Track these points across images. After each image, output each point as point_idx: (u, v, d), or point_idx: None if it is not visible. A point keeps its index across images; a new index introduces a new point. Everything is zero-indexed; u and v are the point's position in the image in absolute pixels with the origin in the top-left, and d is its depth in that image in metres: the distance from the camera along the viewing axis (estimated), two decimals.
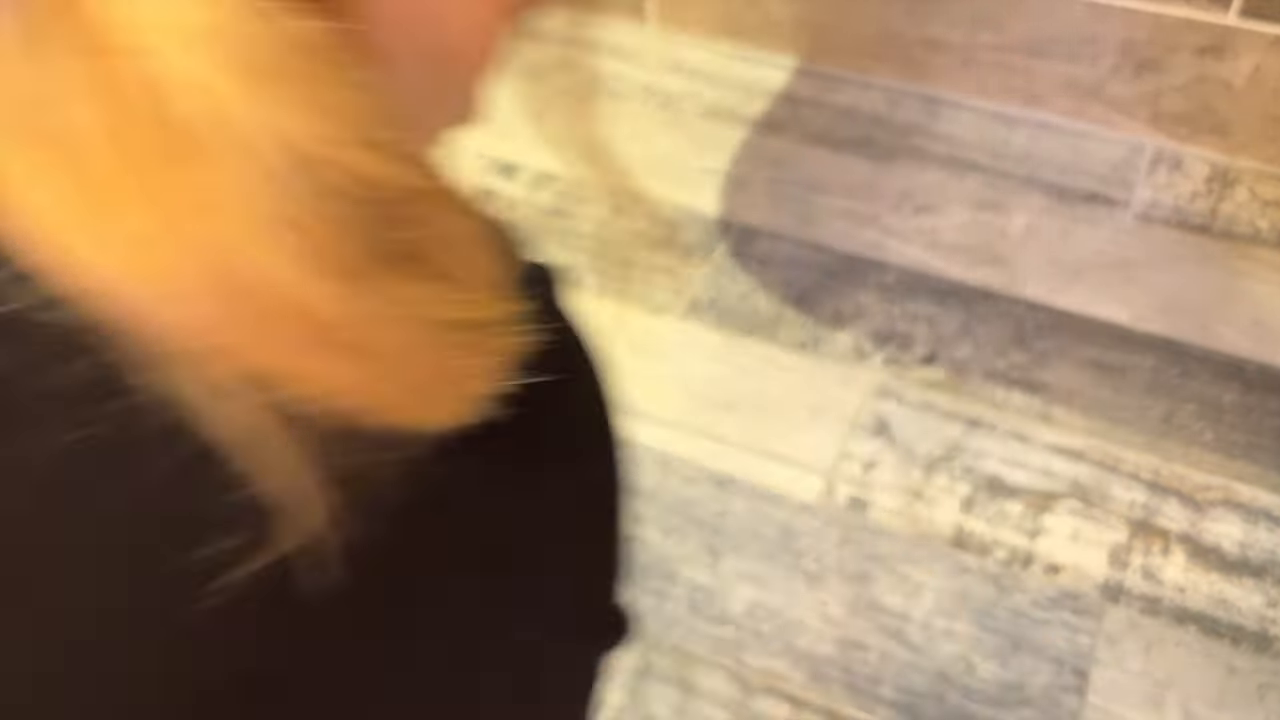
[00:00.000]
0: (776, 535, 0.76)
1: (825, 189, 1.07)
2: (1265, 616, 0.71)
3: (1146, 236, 1.01)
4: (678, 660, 0.69)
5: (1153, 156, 1.10)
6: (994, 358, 0.89)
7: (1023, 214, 1.03)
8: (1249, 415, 0.84)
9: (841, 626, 0.71)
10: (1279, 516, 0.77)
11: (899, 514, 0.77)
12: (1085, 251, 0.99)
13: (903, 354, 0.90)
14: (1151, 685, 0.68)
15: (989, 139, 1.13)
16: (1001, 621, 0.71)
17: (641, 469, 0.81)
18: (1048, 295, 0.95)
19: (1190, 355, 0.89)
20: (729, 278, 0.97)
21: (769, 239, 1.01)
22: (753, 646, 0.70)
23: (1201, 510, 0.77)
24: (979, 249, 1.00)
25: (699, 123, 1.16)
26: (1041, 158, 1.10)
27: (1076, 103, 1.13)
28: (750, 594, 0.73)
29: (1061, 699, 0.67)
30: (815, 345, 0.91)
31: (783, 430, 0.83)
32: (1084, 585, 0.73)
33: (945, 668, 0.68)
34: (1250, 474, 0.80)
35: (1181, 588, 0.73)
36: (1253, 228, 1.02)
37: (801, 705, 0.67)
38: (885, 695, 0.67)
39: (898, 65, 1.19)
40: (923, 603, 0.72)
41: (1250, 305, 0.94)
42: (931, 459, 0.81)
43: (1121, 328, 0.92)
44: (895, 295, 0.95)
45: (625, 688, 0.68)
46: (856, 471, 0.80)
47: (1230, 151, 1.09)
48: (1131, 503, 0.78)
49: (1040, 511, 0.77)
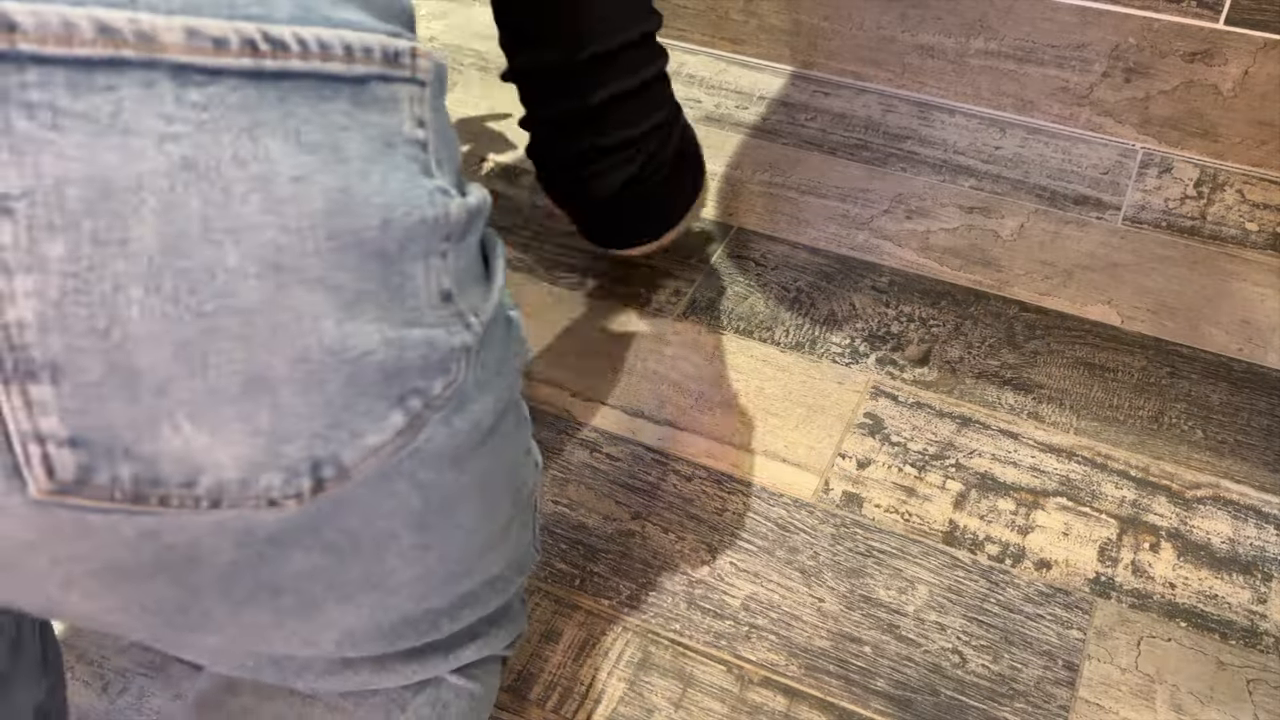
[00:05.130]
0: (773, 531, 0.77)
1: (820, 193, 1.08)
2: (1254, 612, 0.72)
3: (1136, 239, 1.02)
4: (676, 653, 0.70)
5: (1142, 160, 1.11)
6: (986, 358, 0.90)
7: (1014, 217, 1.04)
8: (1237, 414, 0.85)
9: (836, 621, 0.72)
10: (1267, 514, 0.78)
11: (893, 511, 0.78)
12: (1076, 254, 1.00)
13: (896, 354, 0.91)
14: (1141, 679, 0.68)
15: (981, 144, 1.14)
16: (993, 616, 0.72)
17: (641, 467, 0.82)
18: (1039, 297, 0.96)
19: (1180, 355, 0.90)
20: (726, 280, 0.98)
21: (765, 242, 1.02)
22: (749, 640, 0.70)
23: (1191, 507, 0.78)
24: (971, 251, 1.01)
25: (697, 128, 1.17)
26: (1033, 162, 1.11)
27: (1067, 108, 1.14)
28: (747, 589, 0.73)
29: (1052, 692, 0.67)
30: (811, 346, 0.91)
31: (779, 429, 0.84)
32: (1074, 581, 0.74)
33: (938, 661, 0.69)
34: (1239, 472, 0.81)
35: (1171, 583, 0.74)
36: (1241, 230, 1.03)
37: (797, 697, 0.67)
38: (879, 688, 0.68)
39: (891, 71, 1.20)
40: (916, 597, 0.73)
41: (1239, 306, 0.95)
42: (924, 457, 0.82)
43: (1111, 328, 0.93)
44: (889, 297, 0.96)
45: (624, 679, 0.69)
46: (851, 469, 0.81)
47: (1219, 155, 1.11)
48: (1121, 500, 0.79)
49: (1031, 508, 0.78)
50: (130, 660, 0.70)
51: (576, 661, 0.69)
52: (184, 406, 0.32)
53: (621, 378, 0.89)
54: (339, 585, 0.42)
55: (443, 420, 0.40)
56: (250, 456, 0.34)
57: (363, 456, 0.36)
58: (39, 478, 0.31)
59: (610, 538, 0.77)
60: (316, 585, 0.41)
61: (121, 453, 0.32)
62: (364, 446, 0.36)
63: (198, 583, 0.37)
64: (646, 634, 0.71)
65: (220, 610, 0.39)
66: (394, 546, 0.42)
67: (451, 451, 0.42)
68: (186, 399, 0.32)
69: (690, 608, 0.72)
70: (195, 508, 0.34)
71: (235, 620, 0.40)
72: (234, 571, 0.38)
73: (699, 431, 0.84)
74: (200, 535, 0.35)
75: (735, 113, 1.19)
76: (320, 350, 0.34)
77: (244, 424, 0.33)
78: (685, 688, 0.68)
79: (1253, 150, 1.09)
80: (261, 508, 0.35)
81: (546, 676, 0.69)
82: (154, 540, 0.34)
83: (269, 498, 0.35)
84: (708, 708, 0.67)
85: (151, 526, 0.34)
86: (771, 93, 1.22)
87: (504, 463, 0.47)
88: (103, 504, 0.32)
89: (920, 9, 1.14)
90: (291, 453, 0.34)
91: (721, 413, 0.86)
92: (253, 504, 0.34)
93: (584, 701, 0.67)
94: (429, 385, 0.38)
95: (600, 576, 0.74)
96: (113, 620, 0.38)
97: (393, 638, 0.48)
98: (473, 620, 0.54)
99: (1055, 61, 1.12)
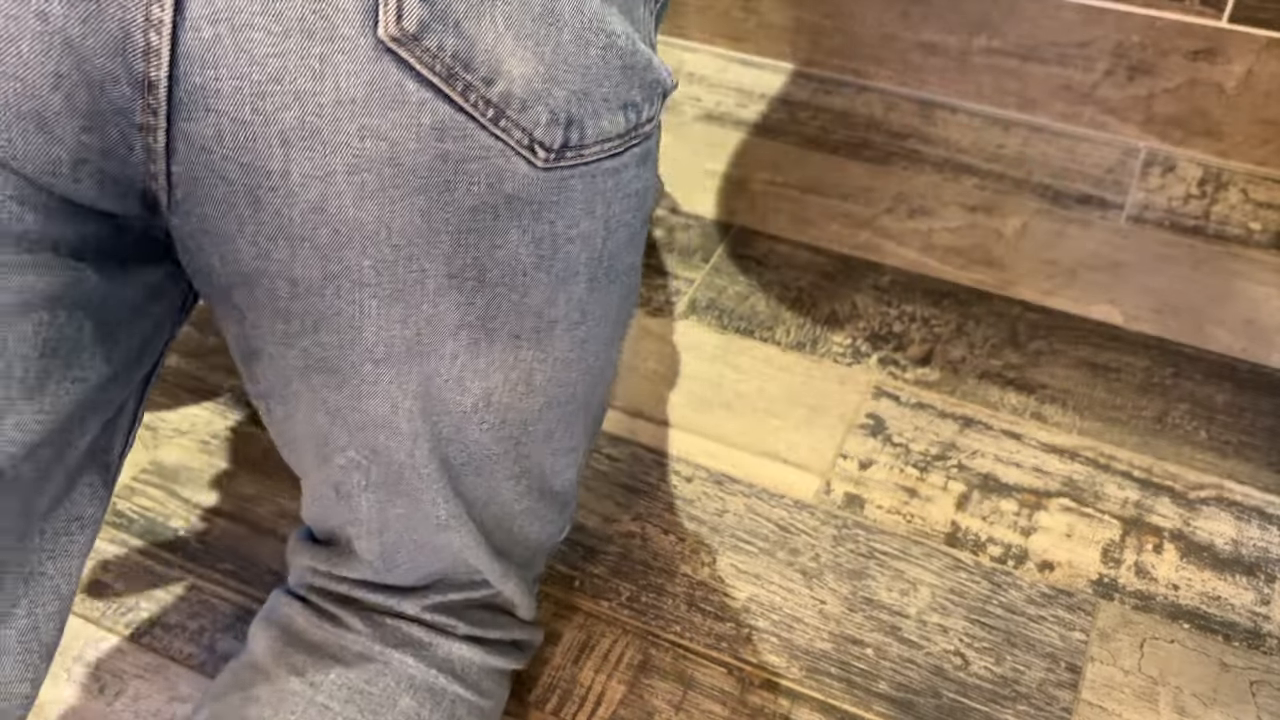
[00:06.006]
0: (774, 533, 0.76)
1: (821, 191, 1.08)
2: (1257, 613, 0.71)
3: (1140, 238, 1.02)
4: (676, 655, 0.70)
5: (1146, 159, 1.11)
6: (988, 358, 0.90)
7: (1017, 216, 1.04)
8: (1242, 415, 0.85)
9: (838, 622, 0.71)
10: (1271, 515, 0.78)
11: (894, 512, 0.78)
12: (1079, 253, 1.00)
13: (898, 354, 0.90)
14: (1144, 681, 0.68)
15: (984, 142, 1.13)
16: (995, 618, 0.71)
17: (641, 468, 0.81)
18: (1041, 296, 0.96)
19: (1183, 355, 0.90)
20: (727, 279, 0.98)
21: (766, 241, 1.02)
22: (750, 642, 0.70)
23: (1194, 508, 0.78)
24: (974, 251, 1.00)
25: (697, 126, 1.17)
26: (1036, 161, 1.11)
27: (1070, 106, 1.14)
28: (748, 590, 0.73)
29: (1055, 694, 0.67)
30: (812, 346, 0.91)
31: (780, 429, 0.84)
32: (1077, 582, 0.73)
33: (940, 663, 0.69)
34: (1243, 473, 0.80)
35: (1174, 585, 0.73)
36: (1245, 229, 1.03)
37: (799, 700, 0.67)
38: (881, 690, 0.67)
39: (894, 70, 1.20)
40: (918, 599, 0.72)
41: (1243, 306, 0.95)
42: (927, 458, 0.82)
43: (1115, 328, 0.93)
44: (891, 296, 0.96)
45: (625, 682, 0.68)
46: (853, 470, 0.81)
47: (1223, 154, 1.10)
48: (1125, 501, 0.79)
49: (1034, 509, 0.78)
50: (128, 662, 0.70)
51: (576, 664, 0.69)
52: (504, 4, 0.39)
53: (621, 378, 0.89)
54: (518, 310, 0.47)
55: (637, 159, 0.47)
56: (532, 79, 0.41)
57: (596, 138, 0.44)
58: (389, 20, 0.37)
59: (610, 539, 0.77)
60: (509, 294, 0.46)
61: (453, 23, 0.38)
62: (600, 128, 0.44)
63: (440, 220, 0.43)
64: (647, 636, 0.71)
65: (433, 276, 0.44)
66: (569, 288, 0.48)
67: (633, 199, 0.48)
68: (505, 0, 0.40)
69: (691, 609, 0.72)
70: (484, 112, 0.40)
71: (435, 300, 0.45)
72: (469, 225, 0.43)
73: (699, 432, 0.84)
74: (470, 154, 0.41)
75: (736, 111, 1.19)
76: (591, 10, 0.42)
77: (536, 46, 0.40)
78: (686, 690, 0.68)
79: (1256, 149, 1.08)
80: (522, 149, 0.42)
81: (546, 678, 0.69)
82: (439, 141, 0.40)
83: (532, 135, 0.42)
84: (708, 710, 0.67)
85: (444, 121, 0.40)
86: (773, 91, 1.21)
87: (632, 295, 0.54)
88: (425, 70, 0.39)
89: (923, 6, 1.14)
90: (559, 96, 0.42)
91: (722, 413, 0.85)
92: (519, 136, 0.41)
93: (584, 704, 0.67)
94: (642, 103, 0.45)
95: (600, 578, 0.74)
96: (352, 256, 0.43)
97: (505, 452, 0.52)
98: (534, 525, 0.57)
99: (1058, 60, 1.11)
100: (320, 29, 0.37)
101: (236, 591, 0.73)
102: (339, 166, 0.40)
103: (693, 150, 1.13)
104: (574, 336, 0.50)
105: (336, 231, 0.42)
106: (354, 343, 0.46)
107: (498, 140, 0.41)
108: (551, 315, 0.48)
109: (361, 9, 0.37)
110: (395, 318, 0.45)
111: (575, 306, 0.49)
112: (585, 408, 0.55)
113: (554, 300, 0.48)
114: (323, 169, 0.40)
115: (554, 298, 0.48)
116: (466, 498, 0.54)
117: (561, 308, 0.49)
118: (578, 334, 0.50)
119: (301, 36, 0.37)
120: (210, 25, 0.37)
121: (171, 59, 0.37)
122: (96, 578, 0.74)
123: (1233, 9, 1.02)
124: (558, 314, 0.49)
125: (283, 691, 0.55)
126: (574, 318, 0.50)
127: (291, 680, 0.55)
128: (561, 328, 0.49)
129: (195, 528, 0.78)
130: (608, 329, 0.52)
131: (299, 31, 0.37)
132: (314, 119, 0.39)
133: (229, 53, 0.37)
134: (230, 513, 0.79)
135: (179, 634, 0.71)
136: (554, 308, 0.48)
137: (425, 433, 0.50)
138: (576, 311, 0.49)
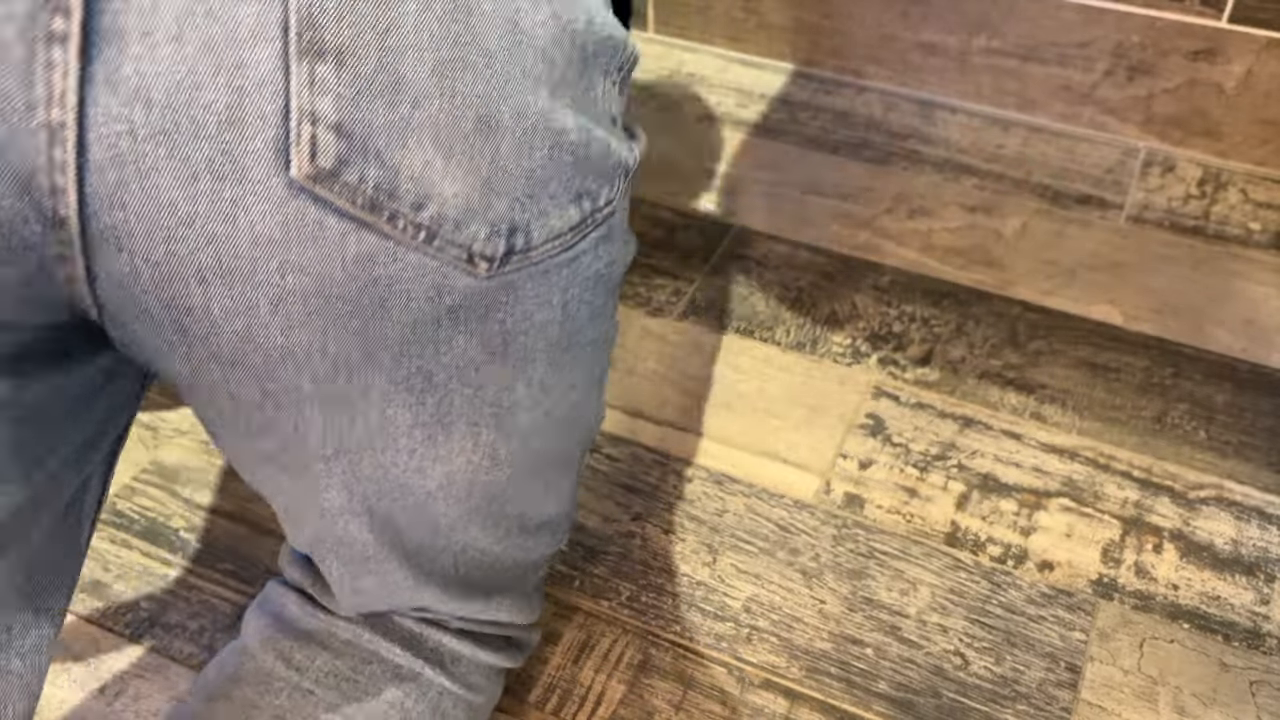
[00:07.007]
0: (774, 533, 0.76)
1: (822, 192, 1.08)
2: (1257, 613, 0.72)
3: (1139, 238, 1.02)
4: (676, 655, 0.70)
5: (1145, 159, 1.11)
6: (988, 358, 0.90)
7: (1017, 216, 1.04)
8: (1241, 415, 0.85)
9: (838, 622, 0.71)
10: (1270, 515, 0.78)
11: (894, 512, 0.78)
12: (1078, 253, 1.00)
13: (898, 354, 0.90)
14: (1144, 681, 0.68)
15: (984, 143, 1.13)
16: (995, 618, 0.71)
17: (641, 468, 0.81)
18: (1041, 296, 0.96)
19: (1183, 355, 0.90)
20: (726, 279, 0.98)
21: (766, 241, 1.02)
22: (750, 642, 0.70)
23: (1194, 508, 0.78)
24: (974, 251, 1.00)
25: (697, 126, 1.17)
26: (1035, 161, 1.11)
27: (1070, 107, 1.14)
28: (748, 590, 0.73)
29: (1055, 694, 0.67)
30: (812, 346, 0.91)
31: (780, 429, 0.84)
32: (1077, 582, 0.73)
33: (940, 663, 0.69)
34: (1242, 473, 0.80)
35: (1174, 585, 0.73)
36: (1245, 229, 1.03)
37: (798, 699, 0.67)
38: (881, 690, 0.67)
39: (893, 70, 1.20)
40: (918, 599, 0.72)
41: (1242, 306, 0.95)
42: (926, 458, 0.82)
43: (1114, 328, 0.93)
44: (891, 297, 0.96)
45: (625, 681, 0.68)
46: (853, 470, 0.81)
47: (1222, 154, 1.10)
48: (1124, 501, 0.79)
49: (1034, 509, 0.78)
50: (128, 662, 0.70)
51: (576, 663, 0.69)
52: (430, 127, 0.37)
53: (621, 378, 0.89)
54: (473, 403, 0.46)
55: (594, 243, 0.45)
56: (468, 196, 0.39)
57: (544, 238, 0.42)
58: (303, 159, 0.35)
59: (610, 539, 0.77)
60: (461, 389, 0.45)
61: (374, 154, 0.36)
62: (548, 227, 0.41)
63: (378, 339, 0.41)
64: (647, 636, 0.71)
65: (377, 387, 0.43)
66: (528, 373, 0.46)
67: (593, 279, 0.47)
68: (432, 120, 0.37)
69: (691, 609, 0.72)
70: (414, 236, 0.38)
71: (381, 408, 0.44)
72: (410, 337, 0.41)
73: (699, 432, 0.84)
74: (403, 275, 0.39)
75: (736, 111, 1.19)
76: (534, 111, 0.39)
77: (470, 161, 0.38)
78: (686, 690, 0.68)
79: (1256, 149, 1.09)
80: (460, 263, 0.40)
81: (546, 678, 0.69)
82: (367, 268, 0.38)
83: (470, 249, 0.39)
84: (708, 710, 0.67)
85: (371, 250, 0.38)
86: (772, 91, 1.21)
87: (606, 348, 0.52)
88: (345, 205, 0.36)
89: (922, 6, 1.14)
90: (499, 208, 0.39)
91: (722, 413, 0.85)
92: (456, 253, 0.39)
93: (584, 703, 0.67)
94: (599, 190, 0.43)
95: (600, 578, 0.74)
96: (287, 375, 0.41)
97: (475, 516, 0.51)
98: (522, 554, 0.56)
99: (1058, 60, 1.11)
100: (230, 171, 0.35)
101: (236, 591, 0.74)
102: (262, 301, 0.38)
103: (693, 150, 1.13)
104: (536, 414, 0.48)
105: (268, 356, 0.40)
106: (301, 446, 0.45)
107: (432, 259, 0.39)
108: (510, 401, 0.47)
109: (272, 149, 0.35)
110: (341, 424, 0.44)
111: (535, 388, 0.47)
112: (563, 460, 0.53)
113: (511, 387, 0.46)
114: (245, 303, 0.38)
115: (511, 385, 0.46)
116: (439, 562, 0.53)
117: (520, 392, 0.47)
118: (539, 411, 0.49)
119: (211, 179, 0.35)
120: (115, 169, 0.35)
121: (80, 198, 0.35)
122: (96, 578, 0.74)
123: (1232, 9, 1.02)
124: (517, 398, 0.47)
125: (269, 675, 0.55)
126: (535, 397, 0.48)
127: (278, 665, 0.56)
128: (523, 408, 0.48)
129: (195, 528, 0.78)
130: (577, 394, 0.50)
131: (208, 174, 0.35)
132: (230, 260, 0.37)
133: (136, 197, 0.35)
134: (230, 513, 0.79)
135: (179, 634, 0.71)
136: (511, 394, 0.47)
137: (386, 514, 0.49)
138: (537, 391, 0.48)
